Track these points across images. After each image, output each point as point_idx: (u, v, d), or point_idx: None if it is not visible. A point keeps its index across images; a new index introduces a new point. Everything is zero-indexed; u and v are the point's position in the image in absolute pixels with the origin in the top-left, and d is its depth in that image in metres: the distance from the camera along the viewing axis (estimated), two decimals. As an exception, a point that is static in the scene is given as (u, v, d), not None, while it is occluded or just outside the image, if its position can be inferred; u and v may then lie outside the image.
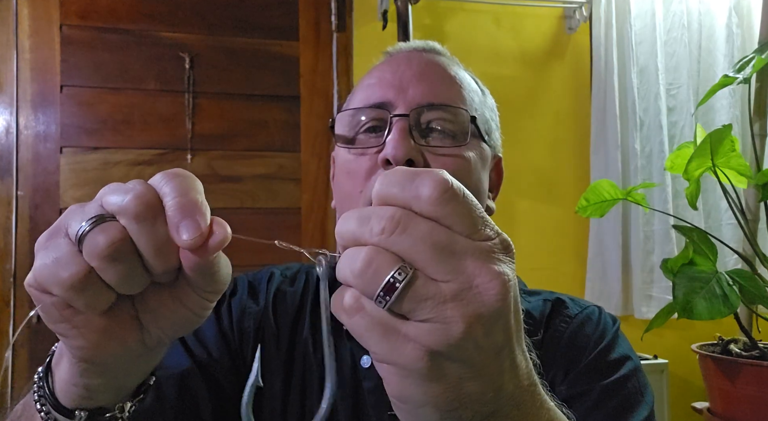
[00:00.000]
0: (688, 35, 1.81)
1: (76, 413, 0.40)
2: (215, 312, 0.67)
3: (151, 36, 1.69)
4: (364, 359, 0.63)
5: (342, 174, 0.63)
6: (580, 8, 1.86)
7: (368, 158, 0.60)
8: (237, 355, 0.65)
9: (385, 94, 0.62)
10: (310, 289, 0.70)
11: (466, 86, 0.65)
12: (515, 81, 1.86)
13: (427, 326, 0.29)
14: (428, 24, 1.81)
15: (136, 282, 0.35)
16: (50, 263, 0.33)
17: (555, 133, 1.88)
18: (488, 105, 0.69)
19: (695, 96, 1.80)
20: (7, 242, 1.58)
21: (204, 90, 1.71)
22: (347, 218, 0.32)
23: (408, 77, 0.62)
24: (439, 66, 0.65)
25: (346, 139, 0.63)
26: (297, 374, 0.64)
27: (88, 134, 1.64)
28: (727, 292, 0.95)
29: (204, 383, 0.61)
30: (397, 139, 0.57)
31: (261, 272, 0.74)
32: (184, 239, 0.33)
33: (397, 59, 0.66)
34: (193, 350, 0.63)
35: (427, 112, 0.60)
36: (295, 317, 0.68)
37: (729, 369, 1.01)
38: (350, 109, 0.64)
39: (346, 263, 0.30)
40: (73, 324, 0.35)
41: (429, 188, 0.29)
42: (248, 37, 1.75)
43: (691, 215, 1.57)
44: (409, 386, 0.30)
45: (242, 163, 1.72)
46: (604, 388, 0.59)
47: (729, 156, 1.04)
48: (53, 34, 1.63)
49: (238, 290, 0.70)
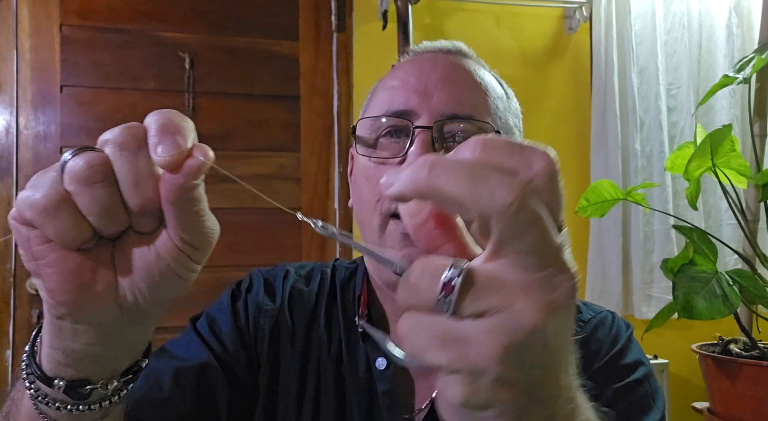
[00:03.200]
0: (688, 35, 1.81)
1: (54, 381, 0.39)
2: (232, 307, 0.67)
3: (150, 36, 1.69)
4: (379, 361, 0.63)
5: (361, 177, 0.63)
6: (581, 8, 1.86)
7: (388, 167, 0.60)
8: (251, 351, 0.65)
9: (408, 101, 0.61)
10: (325, 288, 0.70)
11: (491, 93, 0.64)
12: (515, 81, 1.83)
13: (496, 321, 0.26)
14: (428, 24, 1.81)
15: (112, 216, 0.34)
16: (30, 191, 0.33)
17: (555, 133, 1.88)
18: (512, 110, 0.69)
19: (695, 96, 1.80)
20: (7, 241, 1.58)
21: (204, 90, 1.71)
22: (455, 177, 0.26)
23: (433, 82, 0.61)
24: (465, 70, 0.64)
25: (366, 144, 0.63)
26: (312, 374, 0.65)
27: (89, 134, 1.64)
28: (727, 292, 0.95)
29: (222, 376, 0.62)
30: (419, 153, 0.56)
31: (276, 268, 0.73)
32: (159, 153, 0.33)
33: (421, 61, 0.65)
34: (211, 344, 0.64)
35: (450, 124, 0.60)
36: (311, 316, 0.68)
37: (729, 369, 1.01)
38: (372, 117, 0.63)
39: (402, 286, 0.28)
40: (47, 262, 0.35)
41: (542, 162, 0.27)
42: (248, 37, 1.74)
43: (691, 215, 1.57)
44: (476, 393, 0.26)
45: (242, 162, 1.72)
46: (616, 391, 0.59)
47: (729, 156, 1.04)
48: (53, 34, 1.63)
49: (254, 286, 0.70)
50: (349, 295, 0.69)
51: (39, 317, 1.58)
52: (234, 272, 1.40)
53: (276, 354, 0.66)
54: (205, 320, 0.67)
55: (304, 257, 1.71)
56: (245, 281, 0.71)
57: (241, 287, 0.70)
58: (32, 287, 1.57)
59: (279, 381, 0.65)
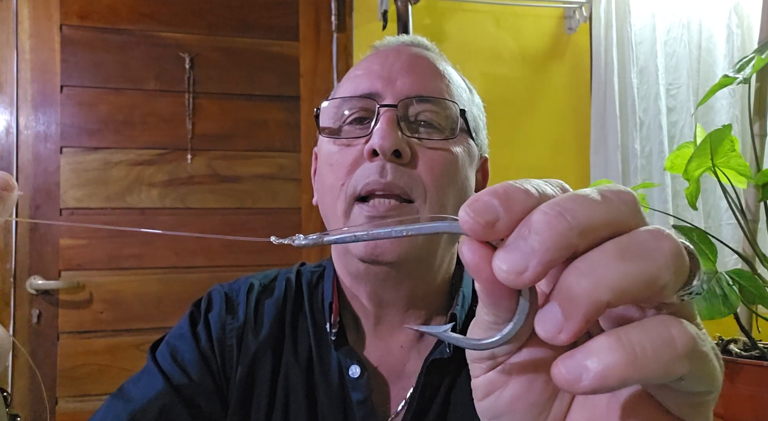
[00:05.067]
0: (687, 35, 1.81)
1: None
2: (192, 332, 0.64)
3: (151, 36, 1.69)
4: (352, 368, 0.60)
5: (325, 166, 0.61)
6: (580, 8, 1.86)
7: (354, 150, 0.58)
8: (219, 375, 0.62)
9: (372, 85, 0.60)
10: (290, 296, 0.67)
11: (454, 82, 0.63)
12: (515, 81, 1.86)
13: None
14: (428, 24, 1.81)
15: None
16: None
17: (555, 133, 1.88)
18: (476, 103, 0.68)
19: (695, 96, 1.80)
20: (7, 242, 1.58)
21: (204, 90, 1.71)
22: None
23: (397, 69, 0.60)
24: (428, 60, 0.63)
25: (331, 131, 0.61)
26: (281, 387, 0.62)
27: (89, 134, 1.64)
28: (727, 292, 0.95)
29: (186, 412, 0.58)
30: (385, 129, 0.55)
31: (238, 281, 0.70)
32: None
33: (385, 52, 0.64)
34: (172, 375, 0.60)
35: (416, 104, 0.59)
36: (277, 327, 0.65)
37: (729, 369, 1.01)
38: (336, 99, 0.61)
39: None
40: None
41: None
42: (248, 38, 1.75)
43: (690, 215, 1.57)
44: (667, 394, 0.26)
45: (242, 163, 1.72)
46: None
47: (729, 156, 1.04)
48: (53, 34, 1.63)
49: (215, 305, 0.66)
50: (317, 301, 0.66)
51: (39, 316, 1.58)
52: (234, 272, 1.41)
53: (245, 373, 0.62)
54: (167, 350, 0.63)
55: (304, 256, 1.71)
56: (204, 301, 0.67)
57: (201, 308, 0.67)
58: (32, 286, 1.57)
59: (252, 399, 0.62)
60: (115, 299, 1.63)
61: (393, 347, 0.63)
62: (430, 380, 0.60)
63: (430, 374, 0.60)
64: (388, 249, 0.55)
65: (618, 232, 0.23)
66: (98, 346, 1.61)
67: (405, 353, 0.63)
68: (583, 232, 0.22)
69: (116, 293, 1.63)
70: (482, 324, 0.27)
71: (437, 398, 0.61)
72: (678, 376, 0.22)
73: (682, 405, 0.25)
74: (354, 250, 0.57)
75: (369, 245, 0.55)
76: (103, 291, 1.62)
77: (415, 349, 0.63)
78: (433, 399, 0.61)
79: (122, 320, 1.63)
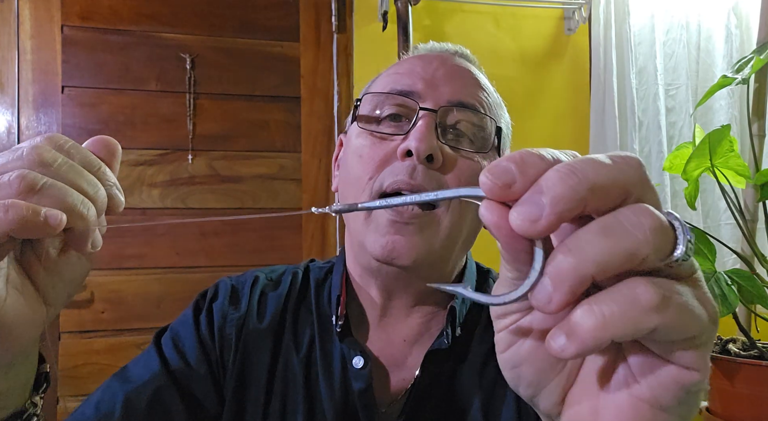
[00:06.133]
0: (686, 36, 1.82)
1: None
2: (194, 319, 0.66)
3: (152, 37, 1.69)
4: (356, 359, 0.61)
5: (353, 157, 0.61)
6: (580, 9, 1.87)
7: (386, 146, 0.59)
8: (217, 364, 0.63)
9: (414, 84, 0.60)
10: (294, 290, 0.68)
11: (492, 97, 0.65)
12: (515, 81, 1.86)
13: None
14: (428, 25, 1.81)
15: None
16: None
17: (554, 134, 1.89)
18: (505, 120, 0.69)
19: (694, 96, 1.80)
20: (9, 242, 1.58)
21: (205, 91, 1.71)
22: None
23: (440, 75, 0.61)
24: (471, 72, 0.64)
25: (369, 120, 0.62)
26: (279, 380, 0.63)
27: (90, 135, 1.61)
28: (726, 292, 0.96)
29: (178, 396, 0.60)
30: (423, 132, 0.56)
31: (245, 274, 0.71)
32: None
33: (429, 56, 0.65)
34: (170, 358, 0.62)
35: (455, 112, 0.59)
36: (279, 320, 0.66)
37: (728, 369, 1.02)
38: (378, 93, 0.62)
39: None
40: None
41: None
42: (249, 38, 1.75)
43: (689, 215, 1.58)
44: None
45: (243, 163, 1.73)
46: None
47: (727, 156, 1.04)
48: (55, 35, 1.64)
49: (220, 296, 0.68)
50: (324, 295, 0.68)
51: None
52: (235, 272, 1.41)
53: (243, 363, 0.63)
54: (169, 335, 0.65)
55: (304, 256, 1.71)
56: (210, 291, 0.69)
57: (206, 297, 0.68)
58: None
59: (246, 390, 0.63)
60: (116, 298, 1.63)
61: (396, 339, 0.64)
62: (429, 370, 0.61)
63: (429, 364, 0.61)
64: (404, 254, 0.56)
65: (625, 192, 0.26)
66: (99, 345, 1.61)
67: (407, 346, 0.64)
68: (593, 188, 0.24)
69: (117, 292, 1.63)
70: (505, 282, 0.29)
71: (436, 388, 0.62)
72: (649, 329, 0.25)
73: (671, 351, 0.28)
74: (370, 248, 0.57)
75: (386, 246, 0.56)
76: (104, 291, 1.63)
77: (417, 343, 0.64)
78: (432, 390, 0.62)
79: (123, 320, 1.63)
